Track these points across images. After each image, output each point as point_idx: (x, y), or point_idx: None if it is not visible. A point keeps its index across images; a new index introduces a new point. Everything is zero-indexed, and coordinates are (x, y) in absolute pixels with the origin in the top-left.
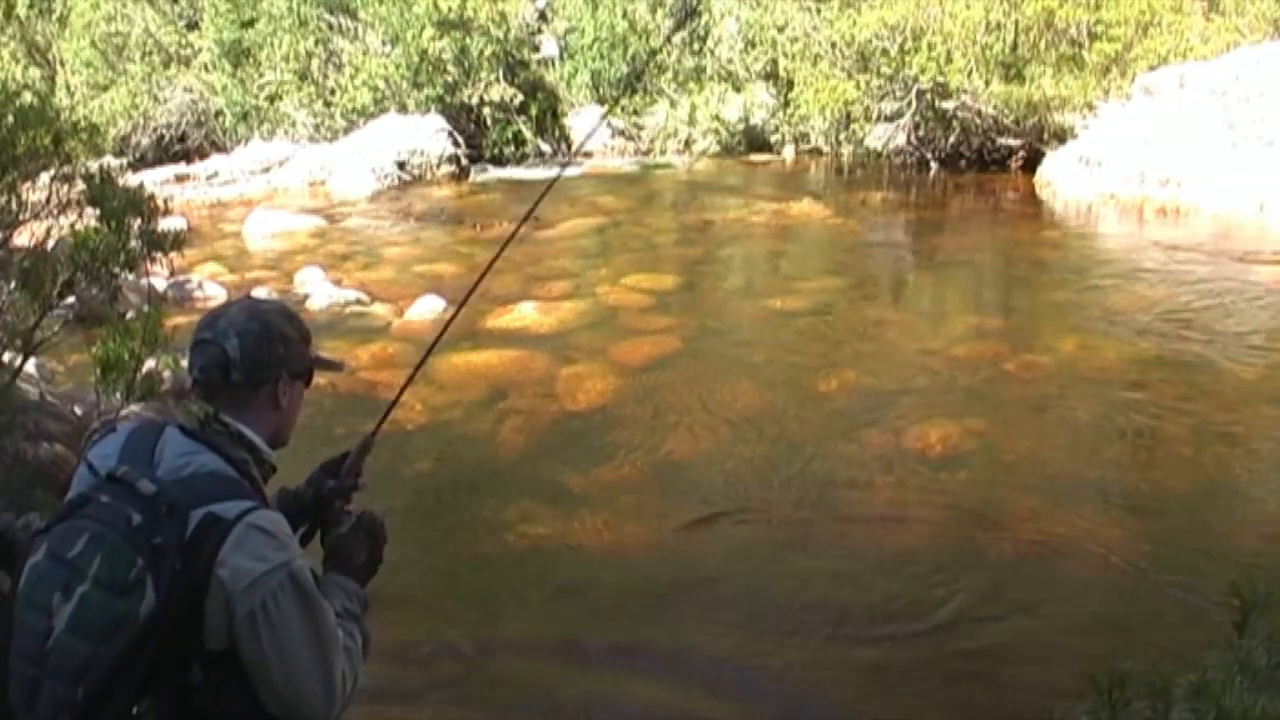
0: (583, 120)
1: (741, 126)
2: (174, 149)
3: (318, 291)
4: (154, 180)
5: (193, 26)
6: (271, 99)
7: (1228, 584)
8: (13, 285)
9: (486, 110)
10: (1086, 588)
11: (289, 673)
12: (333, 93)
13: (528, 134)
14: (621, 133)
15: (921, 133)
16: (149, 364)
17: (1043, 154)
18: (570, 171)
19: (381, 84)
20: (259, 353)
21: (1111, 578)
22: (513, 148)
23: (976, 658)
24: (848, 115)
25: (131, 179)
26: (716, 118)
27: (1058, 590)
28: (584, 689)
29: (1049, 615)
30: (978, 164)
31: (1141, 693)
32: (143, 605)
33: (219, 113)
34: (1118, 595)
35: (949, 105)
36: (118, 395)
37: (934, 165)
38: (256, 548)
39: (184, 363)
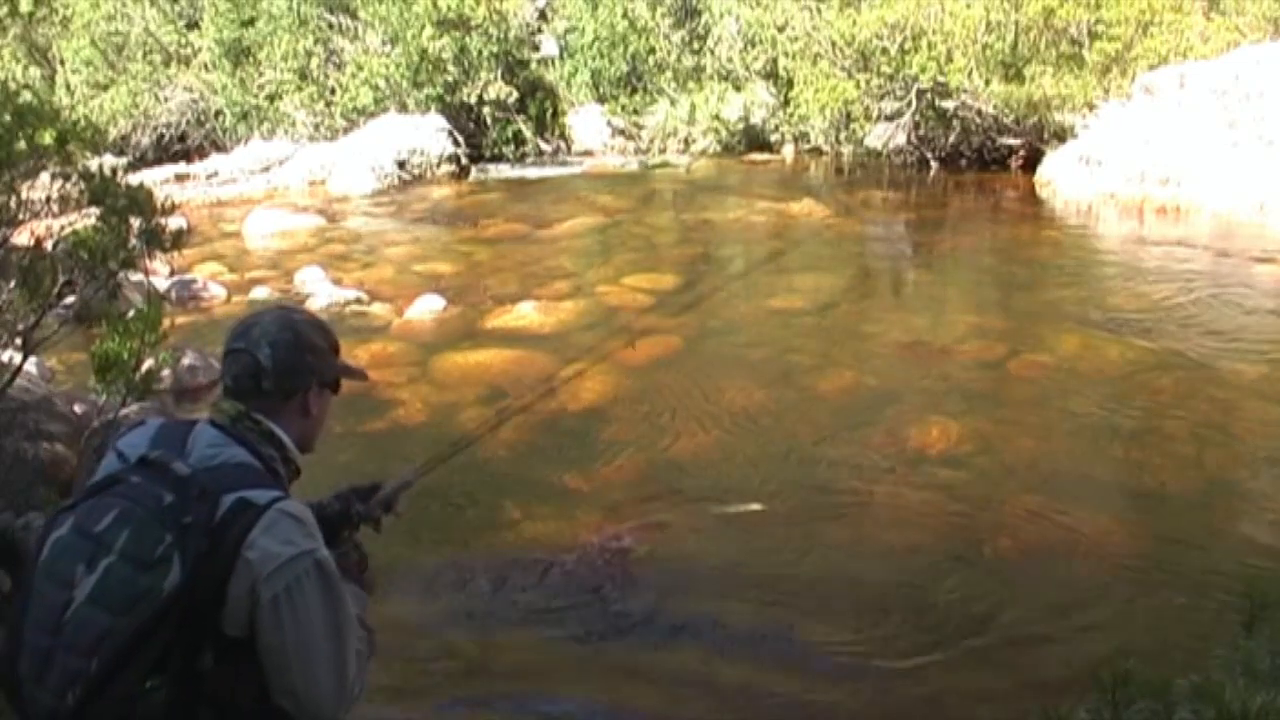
0: (582, 119)
1: (741, 126)
2: (174, 148)
3: (318, 291)
4: (154, 179)
5: (193, 26)
6: (271, 98)
7: (1228, 583)
8: (12, 284)
9: (486, 109)
10: (1086, 586)
11: (305, 662)
12: (333, 92)
13: (527, 133)
14: (621, 132)
15: (921, 132)
16: (148, 362)
17: (1043, 153)
18: (569, 171)
19: (381, 83)
20: (291, 362)
21: (1111, 576)
22: (513, 147)
23: (975, 655)
24: (848, 114)
25: (132, 178)
26: (716, 117)
27: (1057, 589)
28: (584, 689)
29: (1048, 613)
30: (978, 163)
31: (1143, 692)
32: (166, 581)
33: (219, 112)
34: (1117, 594)
35: (949, 105)
36: (117, 394)
37: (934, 165)
38: (286, 533)
39: (183, 361)
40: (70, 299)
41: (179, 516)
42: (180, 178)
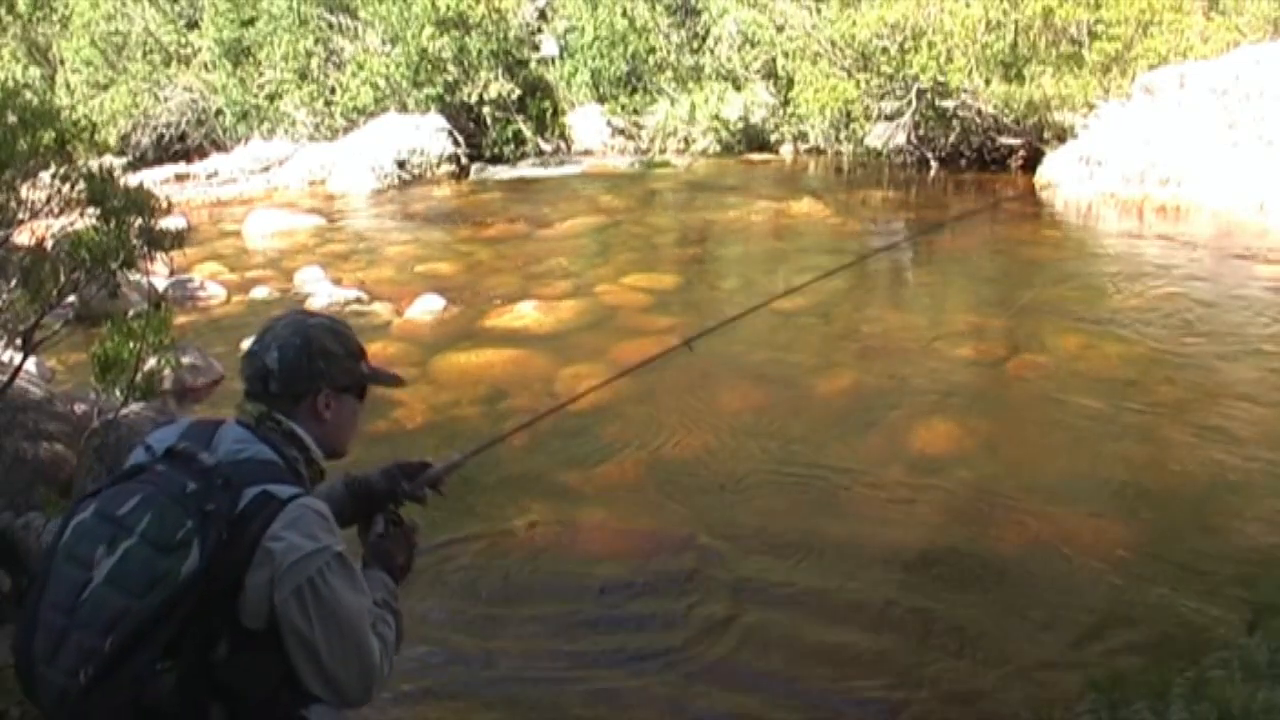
0: (582, 119)
1: (741, 125)
2: (174, 148)
3: (317, 291)
4: (154, 179)
5: (193, 25)
6: (271, 98)
7: (1227, 584)
8: (13, 284)
9: (486, 109)
10: (1085, 587)
11: (334, 648)
12: (333, 91)
13: (527, 133)
14: (621, 132)
15: (921, 132)
16: (150, 362)
17: (1043, 153)
18: (569, 171)
19: (381, 83)
20: (296, 366)
21: (1110, 577)
22: (512, 147)
23: (974, 657)
24: (848, 114)
25: (132, 178)
26: (716, 117)
27: (1056, 589)
28: (584, 689)
29: (1047, 614)
30: (978, 163)
31: (1141, 693)
32: (185, 565)
33: (219, 112)
34: (1117, 595)
35: (949, 104)
36: (117, 394)
37: (934, 164)
38: (309, 527)
39: (184, 361)
40: (71, 299)
41: (201, 504)
42: (180, 177)
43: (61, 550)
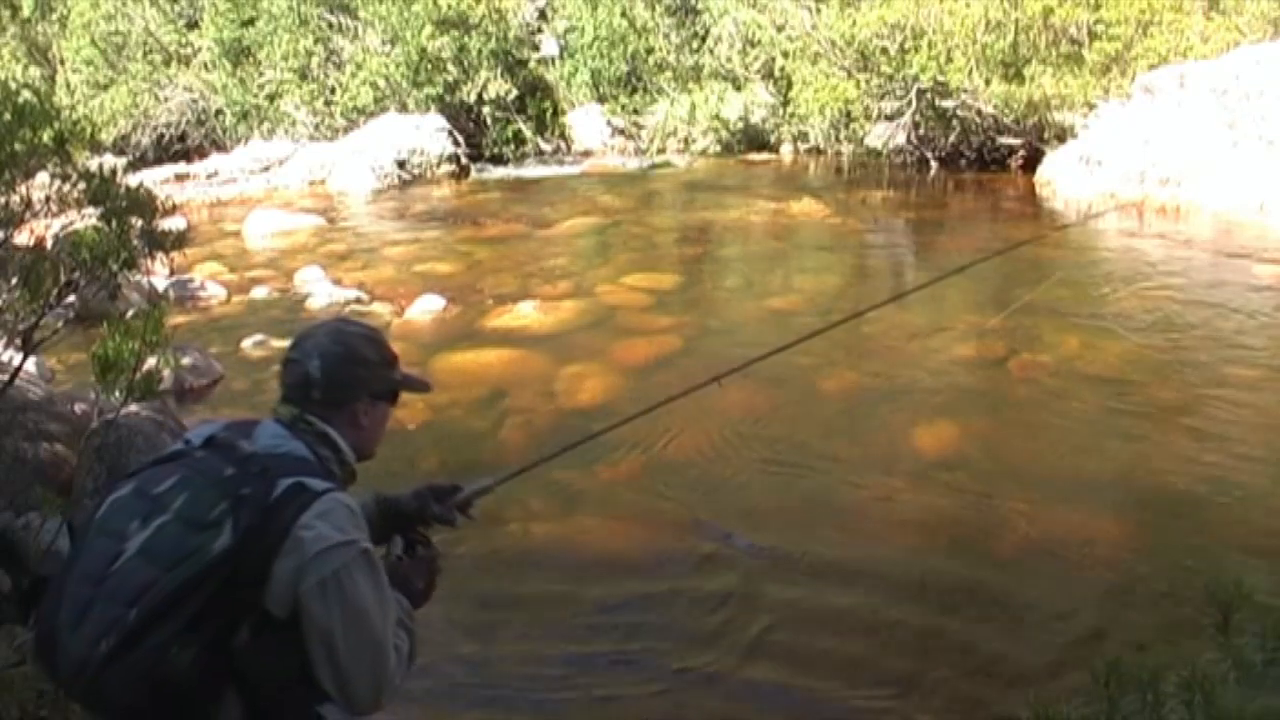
0: (582, 119)
1: (741, 125)
2: (174, 148)
3: (317, 291)
4: (154, 179)
5: (193, 25)
6: (271, 98)
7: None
8: (13, 284)
9: (486, 109)
10: (1085, 586)
11: (350, 644)
12: (333, 91)
13: (527, 133)
14: (621, 131)
15: (921, 132)
16: (149, 363)
17: (1043, 153)
18: (569, 171)
19: (381, 83)
20: (339, 375)
21: (1110, 577)
22: (512, 147)
23: (971, 653)
24: (847, 114)
25: (132, 178)
26: (716, 117)
27: (1056, 589)
28: (583, 689)
29: (1047, 614)
30: (978, 163)
31: (1132, 687)
32: (216, 543)
33: (219, 111)
34: (1116, 594)
35: (949, 104)
36: (117, 394)
37: (934, 164)
38: (339, 520)
39: (184, 361)
40: (71, 299)
41: (237, 488)
42: (180, 177)
43: (96, 524)
